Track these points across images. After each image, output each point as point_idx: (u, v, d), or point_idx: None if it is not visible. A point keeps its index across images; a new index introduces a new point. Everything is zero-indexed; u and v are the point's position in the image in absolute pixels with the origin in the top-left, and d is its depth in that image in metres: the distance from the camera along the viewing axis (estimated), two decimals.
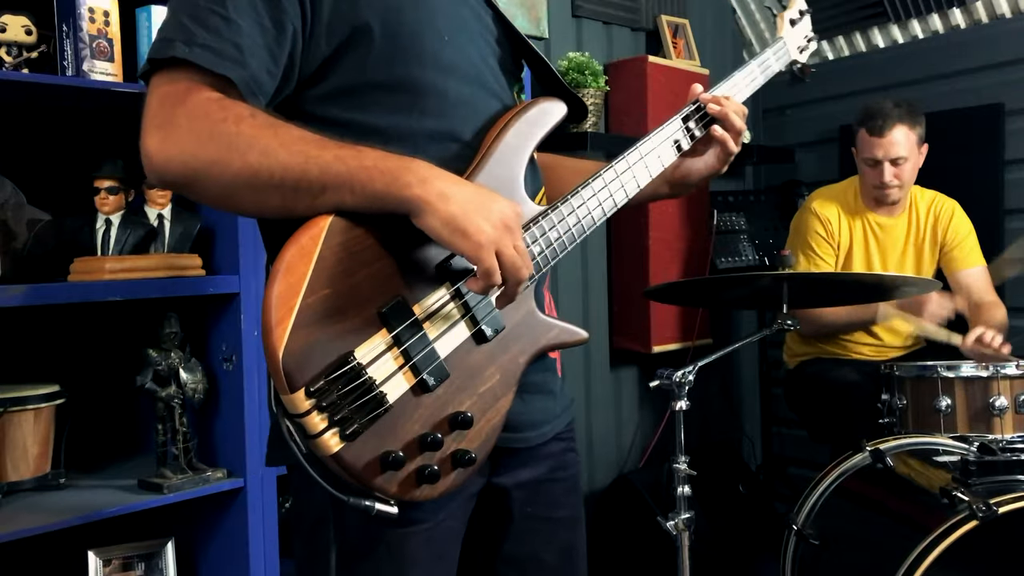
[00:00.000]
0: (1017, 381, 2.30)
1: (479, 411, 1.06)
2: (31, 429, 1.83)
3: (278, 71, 1.03)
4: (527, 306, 1.13)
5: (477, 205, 0.99)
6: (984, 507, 1.81)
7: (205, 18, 0.98)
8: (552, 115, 1.18)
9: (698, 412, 3.21)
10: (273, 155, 0.95)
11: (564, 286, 3.10)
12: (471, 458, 1.04)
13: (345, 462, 0.96)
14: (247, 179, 0.96)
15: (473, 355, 1.07)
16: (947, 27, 3.27)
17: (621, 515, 2.99)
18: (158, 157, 0.97)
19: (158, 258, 1.89)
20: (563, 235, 1.15)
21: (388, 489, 0.99)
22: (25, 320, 1.95)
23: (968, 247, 2.86)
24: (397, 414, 0.99)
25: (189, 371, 1.92)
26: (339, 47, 1.05)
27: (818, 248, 2.88)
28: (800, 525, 2.25)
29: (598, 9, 3.22)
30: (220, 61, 0.98)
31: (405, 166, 0.98)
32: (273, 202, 0.98)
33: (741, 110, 1.31)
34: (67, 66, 1.80)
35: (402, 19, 1.07)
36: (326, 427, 0.94)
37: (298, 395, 0.93)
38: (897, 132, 2.71)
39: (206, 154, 0.96)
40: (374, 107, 1.07)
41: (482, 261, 0.98)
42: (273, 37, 1.01)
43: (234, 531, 1.96)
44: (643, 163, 1.24)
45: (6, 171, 1.93)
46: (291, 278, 0.94)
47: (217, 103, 0.97)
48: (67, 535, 1.74)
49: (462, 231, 0.97)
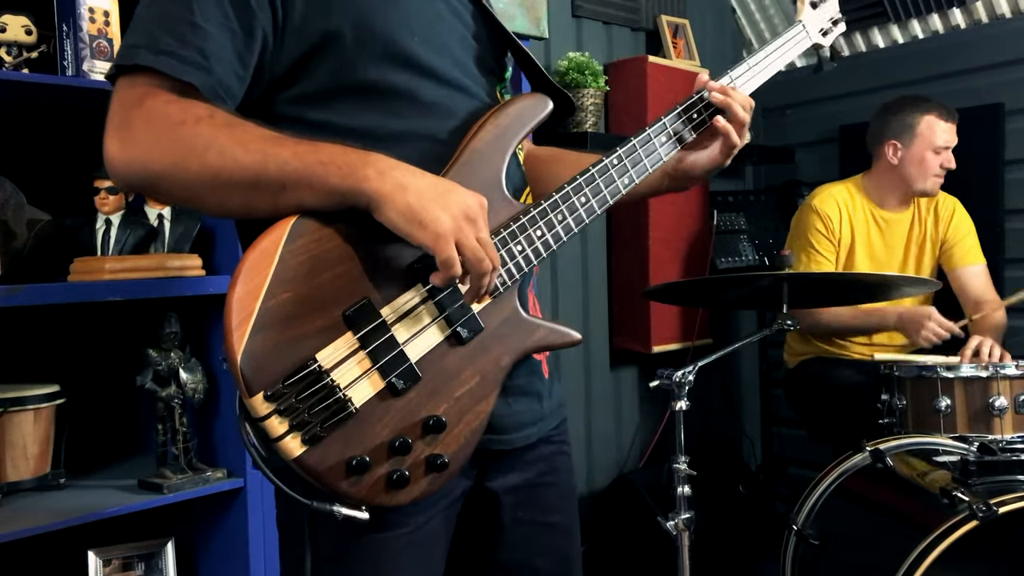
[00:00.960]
0: (1017, 381, 2.30)
1: (455, 415, 1.04)
2: (31, 429, 1.82)
3: (247, 74, 1.02)
4: (510, 306, 1.10)
5: (436, 195, 0.97)
6: (984, 507, 1.81)
7: (172, 24, 0.98)
8: (535, 111, 1.14)
9: (698, 412, 3.20)
10: (230, 154, 0.95)
11: (564, 286, 3.10)
12: (443, 463, 1.03)
13: (307, 466, 0.95)
14: (207, 180, 0.96)
15: (449, 358, 1.05)
16: (947, 27, 3.27)
17: (621, 515, 2.98)
18: (118, 161, 0.98)
19: (158, 258, 1.89)
20: (548, 234, 1.11)
21: (354, 494, 0.98)
22: (25, 320, 1.95)
23: (968, 245, 2.86)
24: (364, 418, 0.98)
25: (189, 371, 1.92)
26: (309, 51, 1.04)
27: (819, 245, 2.88)
28: (800, 525, 2.25)
29: (598, 9, 3.22)
30: (183, 67, 0.97)
31: (363, 159, 0.97)
32: (235, 202, 0.98)
33: (748, 102, 1.25)
34: (67, 66, 1.80)
35: (374, 22, 1.06)
36: (286, 431, 0.94)
37: (257, 398, 0.93)
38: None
39: (165, 156, 0.96)
40: (347, 109, 1.06)
41: (440, 251, 0.96)
42: (242, 41, 1.01)
43: (234, 531, 1.96)
44: (637, 158, 1.18)
45: (6, 171, 1.93)
46: (251, 282, 0.94)
47: (176, 104, 0.97)
48: (67, 535, 1.74)
49: (419, 221, 0.96)
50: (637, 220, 3.14)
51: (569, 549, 1.27)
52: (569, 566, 1.27)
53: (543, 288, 3.03)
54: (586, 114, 2.93)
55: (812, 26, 1.41)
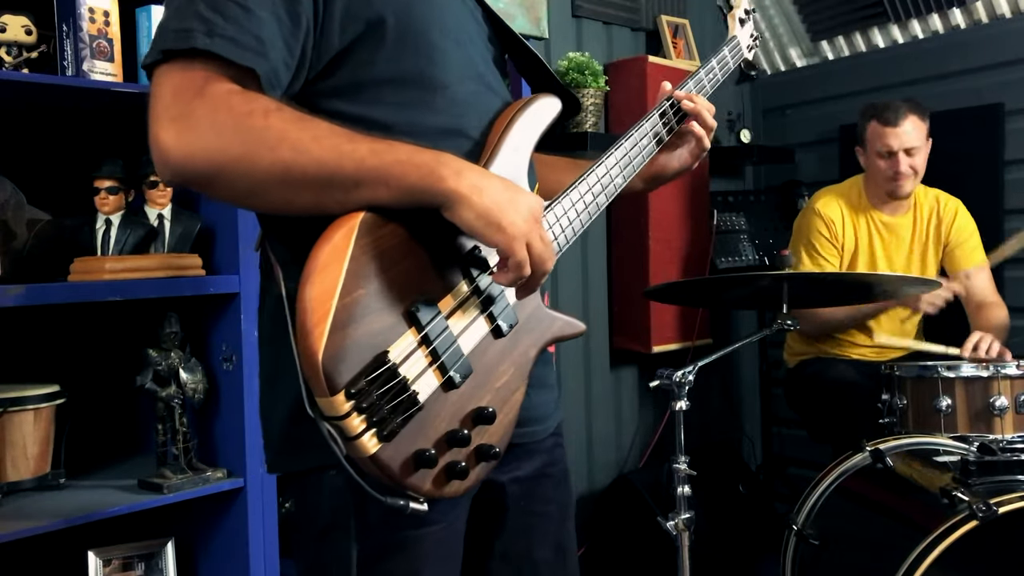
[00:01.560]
0: (1017, 381, 2.30)
1: (498, 406, 1.06)
2: (31, 429, 1.82)
3: (293, 64, 1.00)
4: (535, 300, 1.14)
5: (509, 198, 0.99)
6: (984, 507, 1.81)
7: (223, 7, 0.95)
8: (550, 111, 1.19)
9: (698, 412, 3.20)
10: (305, 150, 0.93)
11: (564, 286, 3.10)
12: (496, 452, 1.05)
13: (382, 462, 0.95)
14: (279, 175, 0.93)
15: (490, 350, 1.07)
16: (947, 27, 3.27)
17: (621, 515, 2.99)
18: (176, 152, 0.92)
19: (158, 258, 1.89)
20: (564, 230, 1.16)
21: (421, 487, 0.98)
22: (25, 320, 1.95)
23: (971, 246, 2.86)
24: (427, 412, 0.99)
25: (189, 371, 1.92)
26: (352, 42, 1.03)
27: (822, 249, 2.88)
28: (800, 525, 2.25)
29: (598, 9, 3.22)
30: (243, 52, 0.94)
31: (436, 159, 0.97)
32: (304, 198, 0.96)
33: (711, 108, 1.34)
34: (67, 66, 1.80)
35: (412, 15, 1.06)
36: (364, 428, 0.93)
37: (338, 397, 0.92)
38: (910, 122, 2.75)
39: (232, 149, 0.92)
40: (382, 103, 1.06)
41: (515, 253, 0.98)
42: (289, 30, 0.99)
43: (234, 531, 1.96)
44: (628, 158, 1.25)
45: (6, 171, 1.93)
46: (326, 278, 0.93)
47: (240, 95, 0.94)
48: (67, 535, 1.73)
49: (496, 224, 0.97)
50: (637, 220, 3.14)
51: (562, 536, 1.28)
52: (564, 555, 1.28)
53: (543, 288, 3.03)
54: (586, 114, 2.93)
55: (743, 40, 1.58)
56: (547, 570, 1.25)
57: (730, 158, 3.61)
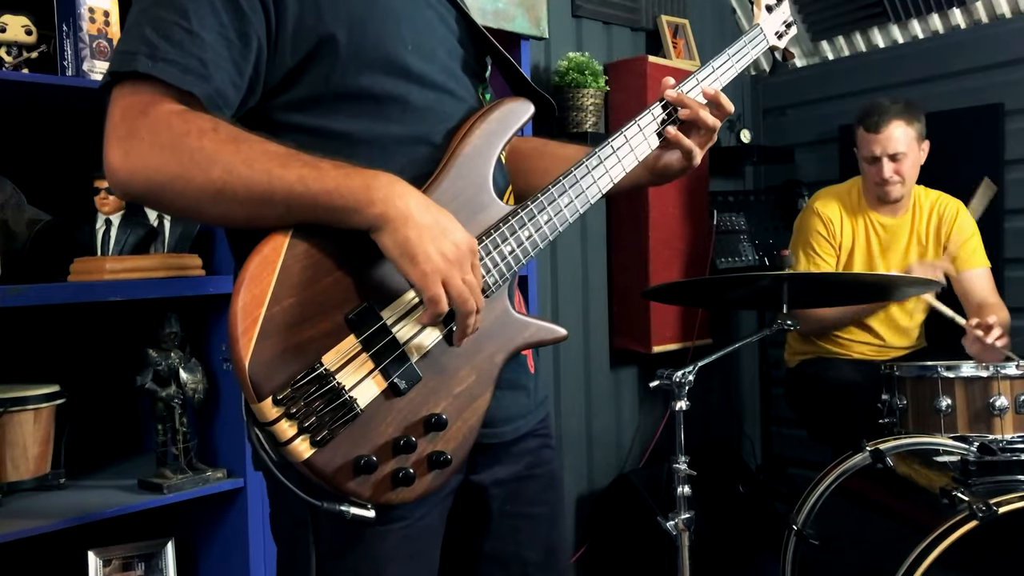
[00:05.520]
0: (1017, 381, 2.30)
1: (455, 412, 1.07)
2: (31, 429, 1.82)
3: (243, 83, 1.03)
4: (501, 306, 1.13)
5: (435, 233, 0.99)
6: (984, 507, 1.81)
7: (168, 31, 0.98)
8: (518, 115, 1.17)
9: (698, 412, 3.20)
10: (236, 172, 0.95)
11: (564, 286, 3.10)
12: (446, 459, 1.05)
13: (316, 467, 0.97)
14: (212, 195, 0.96)
15: (447, 357, 1.07)
16: (947, 27, 3.27)
17: (621, 515, 2.99)
18: (121, 171, 0.97)
19: (158, 258, 1.89)
20: (535, 234, 1.14)
21: (361, 493, 0.99)
22: (25, 320, 1.95)
23: (972, 248, 2.85)
24: (369, 418, 1.00)
25: (189, 371, 1.92)
26: (304, 58, 1.05)
27: (819, 248, 2.88)
28: (800, 525, 2.25)
29: (598, 9, 3.22)
30: (184, 76, 0.97)
31: (366, 185, 0.98)
32: (239, 215, 0.99)
33: (729, 107, 1.31)
34: (67, 66, 1.80)
35: (367, 30, 1.07)
36: (296, 434, 0.95)
37: (265, 403, 0.95)
38: (894, 127, 2.73)
39: (169, 168, 0.96)
40: (340, 115, 1.07)
41: (427, 288, 0.98)
42: (238, 50, 1.01)
43: (234, 531, 1.96)
44: (616, 158, 1.23)
45: (6, 171, 1.93)
46: (255, 289, 0.95)
47: (179, 116, 0.97)
48: (67, 535, 1.74)
49: (411, 256, 0.97)
50: (637, 220, 3.14)
51: (552, 538, 1.28)
52: (554, 556, 1.28)
53: (543, 288, 3.03)
54: (586, 114, 2.93)
55: (769, 28, 1.48)
56: (536, 572, 1.25)
57: (730, 158, 3.61)
